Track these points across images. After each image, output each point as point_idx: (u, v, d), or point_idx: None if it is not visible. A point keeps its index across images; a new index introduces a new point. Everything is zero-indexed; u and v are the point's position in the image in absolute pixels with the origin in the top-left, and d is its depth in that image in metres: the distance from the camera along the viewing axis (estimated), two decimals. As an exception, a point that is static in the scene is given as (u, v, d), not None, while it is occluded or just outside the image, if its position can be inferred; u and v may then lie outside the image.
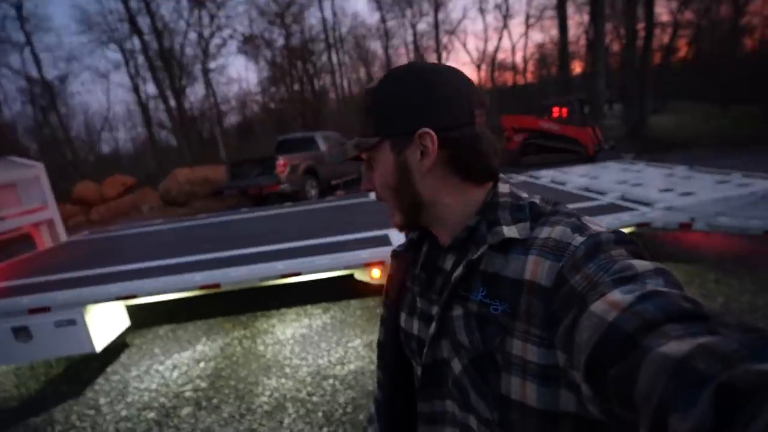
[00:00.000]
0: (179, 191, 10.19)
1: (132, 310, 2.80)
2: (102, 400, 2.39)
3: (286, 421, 2.04)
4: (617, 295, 0.33)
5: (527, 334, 0.43)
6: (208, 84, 19.44)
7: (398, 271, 0.64)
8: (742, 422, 0.20)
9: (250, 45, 21.96)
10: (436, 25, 25.59)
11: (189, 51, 21.19)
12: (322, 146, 9.12)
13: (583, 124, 9.86)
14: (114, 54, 32.22)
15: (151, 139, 20.73)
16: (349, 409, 2.08)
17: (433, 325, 0.53)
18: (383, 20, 27.80)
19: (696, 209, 2.68)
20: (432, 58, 28.01)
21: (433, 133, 0.49)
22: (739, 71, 23.74)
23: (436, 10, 25.21)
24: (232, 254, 2.77)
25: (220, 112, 24.05)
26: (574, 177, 4.29)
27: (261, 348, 2.79)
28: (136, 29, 18.09)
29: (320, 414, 2.07)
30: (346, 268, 2.53)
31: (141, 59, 20.38)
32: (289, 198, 7.65)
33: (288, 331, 2.97)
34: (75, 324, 2.37)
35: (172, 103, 18.83)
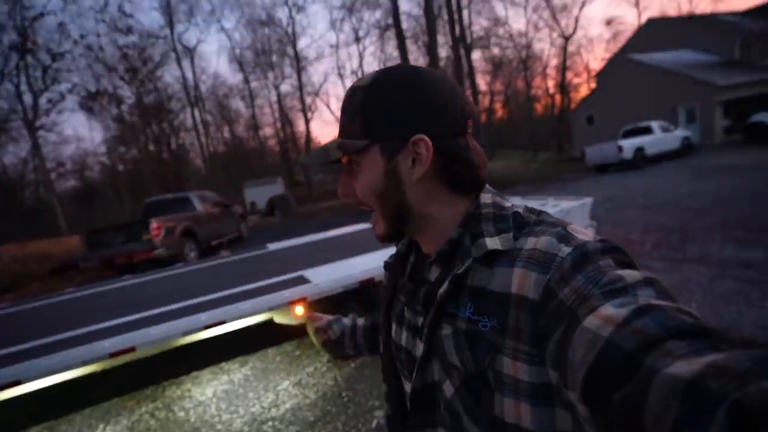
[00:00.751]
0: (3, 272, 8.15)
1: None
2: None
3: (234, 470, 2.00)
4: (610, 309, 0.32)
5: (516, 351, 0.42)
6: (35, 144, 16.31)
7: (389, 281, 0.64)
8: None
9: (95, 101, 19.53)
10: (300, 87, 27.18)
11: (3, 104, 17.61)
12: (199, 206, 8.65)
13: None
14: None
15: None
16: (296, 441, 2.16)
17: (421, 346, 0.51)
18: (246, 80, 28.21)
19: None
20: (298, 118, 29.27)
21: (428, 140, 0.47)
22: (537, 127, 31.80)
23: (299, 74, 26.90)
24: (142, 316, 2.58)
25: (49, 178, 20.27)
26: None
27: (181, 414, 2.59)
28: None
29: (268, 454, 2.09)
30: (270, 309, 2.64)
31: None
32: (165, 263, 6.96)
33: (208, 391, 2.82)
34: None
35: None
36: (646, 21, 21.93)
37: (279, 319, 2.92)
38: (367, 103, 0.49)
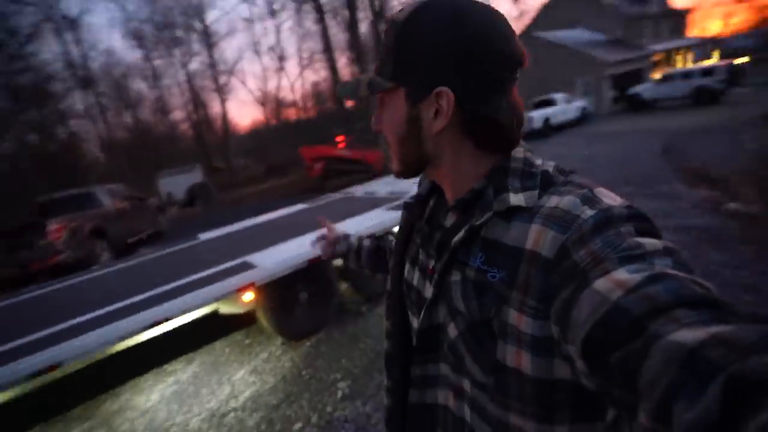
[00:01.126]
0: None
1: None
2: None
3: (199, 467, 1.93)
4: (623, 274, 0.32)
5: (522, 304, 0.42)
6: None
7: (407, 222, 0.64)
8: (750, 413, 0.20)
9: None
10: (213, 65, 24.96)
11: None
12: (106, 201, 7.68)
13: (369, 147, 11.76)
14: None
15: None
16: (263, 427, 2.13)
17: (431, 290, 0.53)
18: (148, 58, 25.12)
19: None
20: (212, 99, 27.06)
21: (451, 94, 0.46)
22: None
23: (210, 50, 24.63)
24: (66, 326, 2.29)
25: None
26: (380, 186, 5.28)
27: (125, 426, 2.38)
28: None
29: (234, 445, 2.04)
30: (217, 299, 2.51)
31: None
32: (71, 269, 6.14)
33: (153, 397, 2.62)
34: None
35: None
36: (548, 1, 23.73)
37: (225, 309, 2.79)
38: (398, 43, 0.48)
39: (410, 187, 4.64)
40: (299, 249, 2.87)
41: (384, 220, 3.33)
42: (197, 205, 14.93)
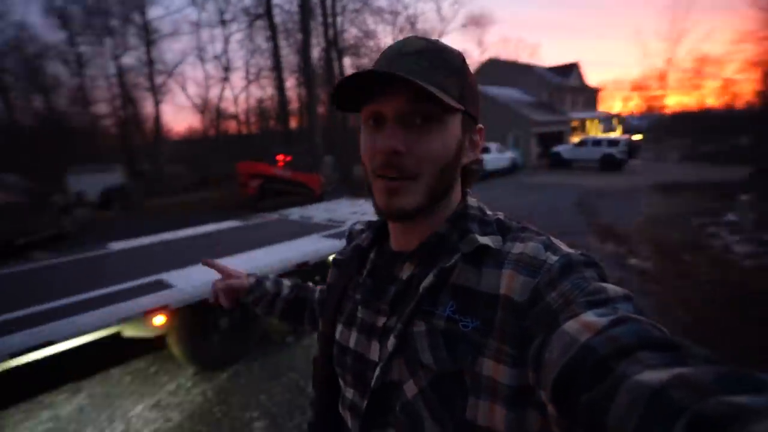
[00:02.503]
0: None
1: None
2: None
3: None
4: (591, 317, 0.34)
5: (499, 353, 0.42)
6: None
7: (339, 279, 0.61)
8: None
9: None
10: (150, 63, 23.32)
11: None
12: (-7, 194, 6.58)
13: (309, 171, 11.64)
14: None
15: None
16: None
17: (391, 341, 0.48)
18: (72, 42, 22.76)
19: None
20: (145, 98, 25.25)
21: (483, 131, 0.53)
22: None
23: (148, 48, 23.07)
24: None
25: None
26: (318, 212, 5.18)
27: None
28: None
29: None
30: (119, 322, 2.20)
31: None
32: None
33: (47, 415, 2.17)
34: None
35: None
36: (487, 59, 26.30)
37: (129, 332, 2.45)
38: (466, 70, 0.50)
39: (349, 215, 4.63)
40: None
41: (319, 247, 3.25)
42: (113, 209, 13.48)
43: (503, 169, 15.88)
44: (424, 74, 0.45)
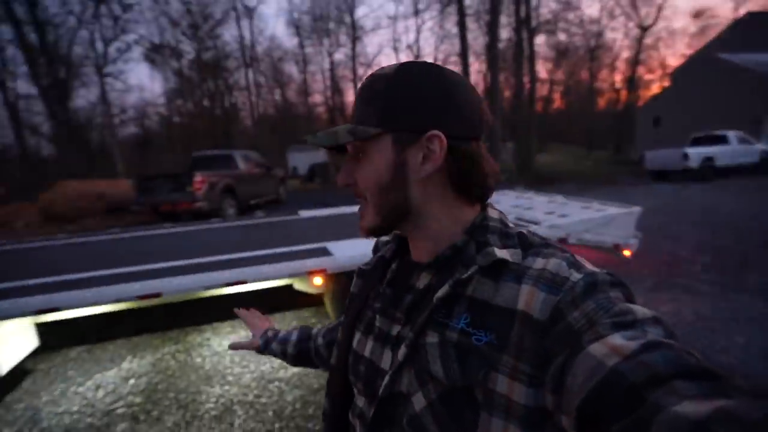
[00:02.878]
0: (67, 206, 8.91)
1: (40, 330, 2.55)
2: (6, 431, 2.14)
3: (237, 422, 2.11)
4: (618, 340, 0.32)
5: (515, 370, 0.40)
6: (103, 90, 17.46)
7: (362, 290, 0.61)
8: None
9: (158, 54, 20.45)
10: (353, 57, 26.93)
11: (78, 50, 18.89)
12: (241, 165, 8.95)
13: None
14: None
15: (21, 146, 17.65)
16: (298, 406, 2.23)
17: (402, 351, 0.47)
18: (301, 45, 28.32)
19: (569, 227, 3.45)
20: (348, 88, 29.21)
21: (443, 137, 0.46)
22: (595, 123, 29.73)
23: (354, 43, 26.60)
24: (170, 265, 2.72)
25: (115, 122, 21.58)
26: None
27: (198, 360, 2.75)
28: (10, 15, 15.57)
29: (270, 413, 2.18)
30: (290, 276, 2.70)
31: (11, 51, 17.51)
32: (204, 216, 7.32)
33: (225, 343, 2.97)
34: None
35: (53, 106, 16.43)
36: (744, 15, 19.50)
37: (299, 286, 2.99)
38: (388, 92, 0.47)
39: (510, 209, 4.34)
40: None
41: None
42: (316, 182, 16.40)
43: (747, 166, 11.76)
44: (357, 111, 0.50)
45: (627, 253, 3.34)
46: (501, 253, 0.45)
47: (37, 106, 17.60)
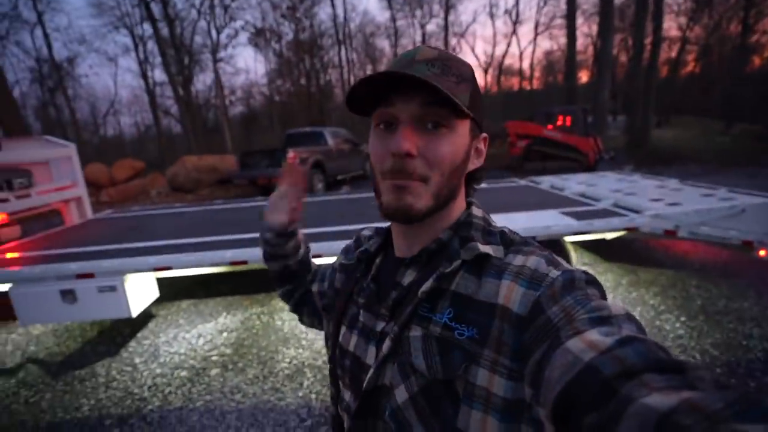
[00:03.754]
0: (187, 178, 10.40)
1: (159, 283, 3.05)
2: (137, 360, 2.65)
3: (306, 383, 2.30)
4: (595, 335, 0.33)
5: (495, 364, 0.41)
6: (216, 74, 19.66)
7: (346, 284, 0.61)
8: None
9: (260, 37, 22.17)
10: (446, 27, 25.82)
11: (198, 39, 21.44)
12: (330, 141, 9.37)
13: (585, 134, 10.10)
14: (124, 38, 32.33)
15: (157, 126, 20.92)
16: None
17: (387, 344, 0.48)
18: (393, 19, 28.01)
19: (681, 218, 2.93)
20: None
21: (487, 140, 0.54)
22: (744, 89, 23.89)
23: (447, 12, 25.44)
24: (256, 236, 3.02)
25: (226, 103, 24.18)
26: (573, 184, 4.54)
27: (278, 323, 3.05)
28: (149, 15, 18.25)
29: (335, 379, 2.33)
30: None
31: (150, 45, 20.55)
32: (296, 190, 7.89)
33: (303, 310, 3.23)
34: (115, 290, 2.62)
35: (180, 90, 19.02)
36: None
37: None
38: (474, 80, 0.50)
39: (608, 194, 3.84)
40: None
41: (551, 224, 2.88)
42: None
43: None
44: (436, 80, 0.45)
45: (762, 252, 2.73)
46: (484, 248, 0.47)
47: (168, 92, 20.57)
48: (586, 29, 23.76)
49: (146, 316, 3.27)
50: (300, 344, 2.73)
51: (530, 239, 0.50)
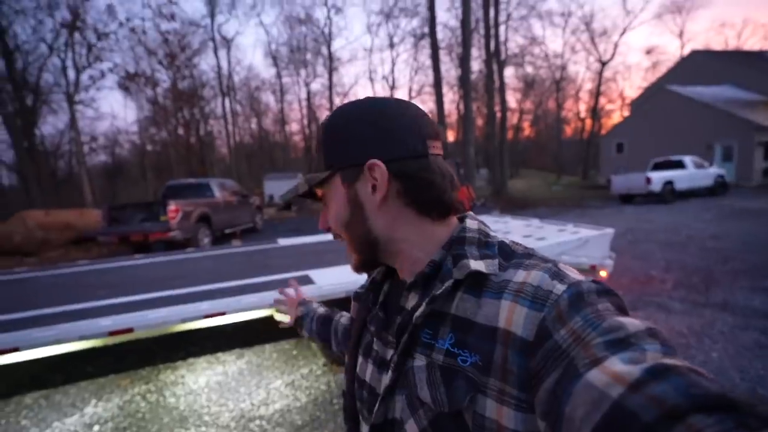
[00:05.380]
0: (27, 238, 8.41)
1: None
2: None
3: (214, 466, 1.97)
4: (618, 365, 0.30)
5: (502, 394, 0.38)
6: (73, 117, 16.97)
7: (359, 313, 0.60)
8: None
9: (132, 82, 20.20)
10: (330, 87, 27.47)
11: (48, 78, 18.47)
12: (217, 193, 8.79)
13: (460, 183, 11.50)
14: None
15: (-22, 176, 16.72)
16: (280, 444, 2.11)
17: (388, 375, 0.47)
18: (279, 76, 28.71)
19: (547, 250, 3.53)
20: (324, 116, 29.88)
21: (382, 164, 0.47)
22: (563, 150, 31.32)
23: (330, 74, 27.20)
24: (143, 298, 2.59)
25: (85, 150, 20.91)
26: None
27: (171, 400, 2.58)
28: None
29: (250, 454, 2.05)
30: (271, 306, 2.61)
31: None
32: (178, 246, 7.07)
33: (201, 380, 2.81)
34: None
35: (18, 134, 15.77)
36: (689, 53, 21.37)
37: (279, 316, 2.89)
38: (326, 136, 0.51)
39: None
40: (359, 275, 2.87)
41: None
42: (293, 210, 16.22)
43: (703, 189, 12.56)
44: (314, 165, 0.55)
45: (603, 273, 3.43)
46: (476, 265, 0.44)
47: (0, 134, 16.89)
48: (450, 96, 27.88)
49: (-32, 423, 2.43)
50: (202, 421, 2.34)
51: (533, 250, 0.48)
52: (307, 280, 2.86)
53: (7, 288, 3.32)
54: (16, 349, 2.10)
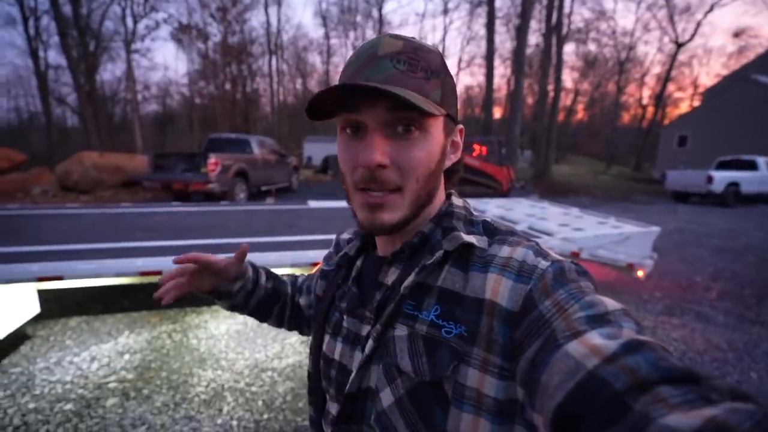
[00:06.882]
0: (83, 177, 9.05)
1: (41, 297, 2.56)
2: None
3: (226, 408, 2.08)
4: (596, 338, 0.31)
5: (485, 363, 0.38)
6: (129, 66, 17.69)
7: (327, 290, 0.58)
8: None
9: (185, 34, 20.61)
10: (378, 52, 26.78)
11: (109, 25, 19.21)
12: (256, 150, 8.97)
13: (500, 164, 11.10)
14: (8, 7, 27.62)
15: (46, 115, 18.03)
16: (288, 398, 2.19)
17: (369, 344, 0.46)
18: (327, 36, 28.28)
19: (584, 242, 3.34)
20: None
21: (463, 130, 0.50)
22: (617, 138, 29.10)
23: (379, 38, 26.44)
24: (174, 244, 2.71)
25: (138, 99, 21.88)
26: (492, 207, 4.93)
27: (194, 342, 2.74)
28: (46, -14, 15.85)
29: (260, 402, 2.15)
30: (292, 266, 2.66)
31: (46, 21, 17.88)
32: (215, 198, 7.36)
33: (222, 327, 2.95)
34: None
35: (81, 79, 16.70)
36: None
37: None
38: (446, 72, 0.46)
39: (524, 217, 4.23)
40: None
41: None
42: (329, 173, 16.41)
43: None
44: (404, 78, 0.41)
45: (640, 273, 3.21)
46: (468, 238, 0.44)
47: (65, 77, 17.96)
48: (501, 70, 26.45)
49: (17, 338, 2.70)
50: (219, 365, 2.48)
51: (515, 228, 0.48)
52: (330, 243, 2.89)
53: (59, 221, 3.59)
54: (60, 278, 2.27)
